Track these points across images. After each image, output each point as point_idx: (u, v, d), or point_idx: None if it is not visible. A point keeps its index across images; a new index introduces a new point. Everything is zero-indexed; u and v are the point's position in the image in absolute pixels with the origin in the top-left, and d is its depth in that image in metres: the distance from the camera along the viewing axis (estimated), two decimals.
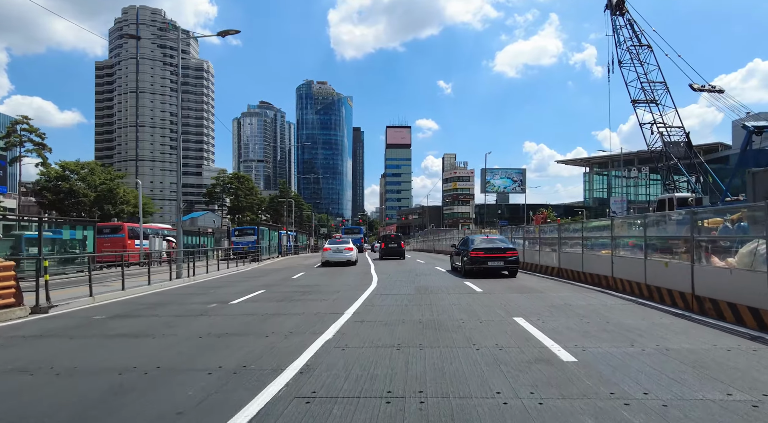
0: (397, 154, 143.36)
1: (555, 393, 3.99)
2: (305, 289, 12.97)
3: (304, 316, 8.40)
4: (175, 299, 11.45)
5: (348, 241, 24.89)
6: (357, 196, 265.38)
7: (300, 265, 25.03)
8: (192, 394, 4.14)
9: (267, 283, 14.68)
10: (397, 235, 32.44)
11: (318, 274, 18.07)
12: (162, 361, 5.32)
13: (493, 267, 15.59)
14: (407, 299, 10.32)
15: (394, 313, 8.46)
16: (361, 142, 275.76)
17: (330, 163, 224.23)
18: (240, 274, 19.59)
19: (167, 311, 9.39)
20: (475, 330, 6.77)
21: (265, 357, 5.42)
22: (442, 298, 10.41)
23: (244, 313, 8.92)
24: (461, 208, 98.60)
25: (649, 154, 28.25)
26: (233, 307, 9.73)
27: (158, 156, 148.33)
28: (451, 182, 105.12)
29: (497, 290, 11.87)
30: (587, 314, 7.99)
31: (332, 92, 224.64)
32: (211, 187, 69.83)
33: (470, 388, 4.15)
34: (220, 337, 6.62)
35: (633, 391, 4.03)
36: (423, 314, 8.28)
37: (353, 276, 17.06)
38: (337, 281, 15.13)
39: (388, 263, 24.76)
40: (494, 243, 16.33)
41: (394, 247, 29.02)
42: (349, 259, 22.75)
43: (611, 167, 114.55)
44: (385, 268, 21.24)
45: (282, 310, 9.09)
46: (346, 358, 5.28)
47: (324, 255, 23.18)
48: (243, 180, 69.09)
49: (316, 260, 29.51)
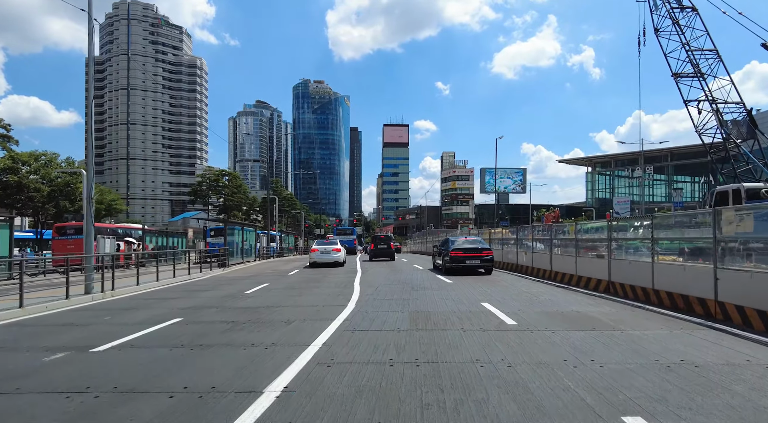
0: (394, 153, 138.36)
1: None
2: (246, 315, 8.58)
3: (180, 397, 4.02)
4: (7, 339, 7.08)
5: (336, 243, 24.48)
6: (354, 197, 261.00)
7: (272, 271, 20.62)
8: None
9: (198, 304, 10.27)
10: (387, 236, 31.85)
11: (284, 287, 13.68)
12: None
13: (471, 265, 16.71)
14: (396, 347, 5.91)
15: (365, 393, 4.08)
16: (359, 143, 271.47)
17: (327, 163, 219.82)
18: (182, 286, 15.16)
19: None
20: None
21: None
22: (459, 344, 6.06)
23: (73, 388, 4.49)
24: (460, 209, 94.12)
25: (700, 140, 23.74)
26: (81, 363, 5.36)
27: (150, 155, 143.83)
28: (450, 181, 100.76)
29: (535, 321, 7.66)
30: None
31: (329, 91, 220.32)
32: (196, 184, 65.27)
33: None
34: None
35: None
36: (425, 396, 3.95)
37: (328, 289, 12.72)
38: (304, 299, 10.78)
39: (378, 269, 20.64)
40: (472, 243, 17.59)
41: (383, 249, 28.33)
42: (337, 260, 22.49)
43: (614, 167, 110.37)
44: (374, 275, 17.05)
45: (160, 375, 4.73)
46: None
47: (311, 256, 22.95)
48: (231, 177, 64.58)
49: (296, 264, 25.22)
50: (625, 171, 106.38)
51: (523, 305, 9.19)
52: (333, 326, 7.22)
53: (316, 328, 7.11)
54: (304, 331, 6.88)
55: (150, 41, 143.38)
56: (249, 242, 27.29)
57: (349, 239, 48.53)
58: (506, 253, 18.93)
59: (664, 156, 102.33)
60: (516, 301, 9.82)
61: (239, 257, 24.99)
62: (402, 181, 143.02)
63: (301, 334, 6.72)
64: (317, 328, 7.04)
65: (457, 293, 11.37)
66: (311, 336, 6.49)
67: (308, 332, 6.79)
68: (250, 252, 27.83)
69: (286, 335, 6.64)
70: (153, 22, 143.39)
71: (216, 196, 64.67)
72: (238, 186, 65.26)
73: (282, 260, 31.58)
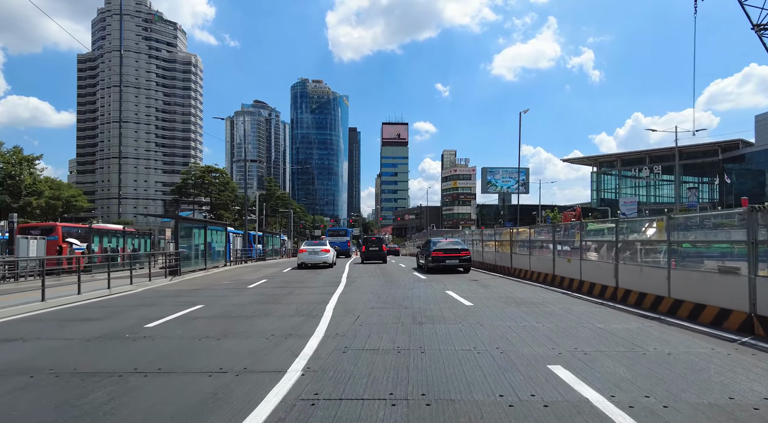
0: (393, 152, 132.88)
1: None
2: (79, 396, 3.94)
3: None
4: None
5: (325, 243, 24.10)
6: (353, 198, 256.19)
7: (230, 283, 15.93)
8: None
9: (21, 359, 5.63)
10: (379, 238, 31.53)
11: (215, 315, 9.00)
12: None
13: (450, 264, 17.75)
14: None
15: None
16: (358, 143, 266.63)
17: (325, 163, 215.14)
18: (85, 306, 10.55)
19: None
20: None
21: None
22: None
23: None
24: (462, 209, 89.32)
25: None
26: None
27: (142, 153, 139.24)
28: (450, 181, 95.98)
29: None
30: None
31: (327, 91, 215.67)
32: (181, 182, 60.50)
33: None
34: None
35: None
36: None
37: (281, 320, 8.04)
38: (225, 347, 6.13)
39: (368, 278, 16.11)
40: (451, 244, 18.81)
41: (375, 251, 27.48)
42: (325, 261, 22.19)
43: (620, 166, 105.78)
44: (360, 289, 12.45)
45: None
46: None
47: (300, 256, 22.84)
48: (218, 174, 59.76)
49: (269, 272, 20.62)
50: (632, 171, 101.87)
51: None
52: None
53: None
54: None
55: (143, 37, 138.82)
56: (217, 244, 22.60)
57: (342, 241, 43.93)
58: (540, 261, 14.31)
59: (672, 155, 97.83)
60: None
61: (201, 262, 20.30)
62: (401, 180, 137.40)
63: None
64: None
65: (503, 339, 6.74)
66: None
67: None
68: (218, 255, 23.15)
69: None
70: (146, 17, 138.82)
71: (203, 195, 59.87)
72: (225, 183, 60.35)
73: (258, 265, 26.78)
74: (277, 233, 50.89)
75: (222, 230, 23.99)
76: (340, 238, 44.26)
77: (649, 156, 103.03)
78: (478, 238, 21.77)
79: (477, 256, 21.46)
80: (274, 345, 6.04)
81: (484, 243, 20.39)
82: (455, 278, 15.18)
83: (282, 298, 10.93)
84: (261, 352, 5.69)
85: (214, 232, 22.27)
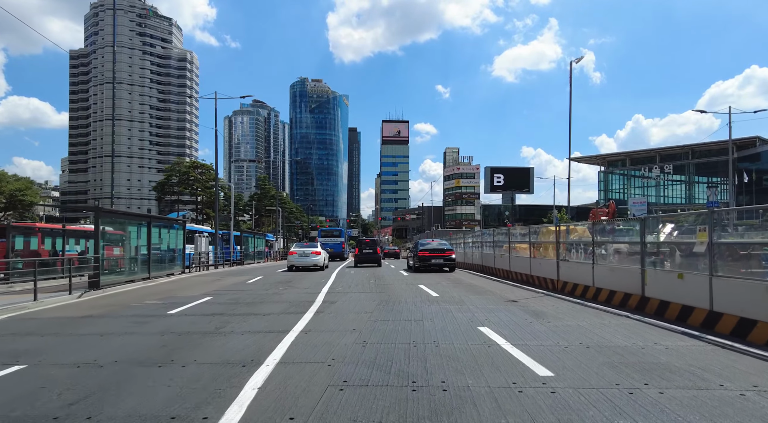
0: (393, 151, 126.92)
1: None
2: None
3: None
4: None
5: (316, 245, 23.16)
6: (353, 199, 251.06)
7: (159, 300, 10.94)
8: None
9: None
10: (373, 240, 30.29)
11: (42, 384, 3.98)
12: None
13: (436, 264, 18.65)
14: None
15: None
16: (358, 143, 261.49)
17: (324, 163, 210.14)
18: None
19: None
20: None
21: None
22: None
23: None
24: (465, 209, 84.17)
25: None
26: None
27: (136, 152, 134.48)
28: (453, 179, 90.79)
29: None
30: None
31: (327, 90, 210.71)
32: (164, 178, 55.45)
33: None
34: None
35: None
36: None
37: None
38: None
39: (358, 294, 11.21)
40: (437, 245, 19.87)
41: (369, 254, 25.95)
42: (317, 264, 21.30)
43: (629, 165, 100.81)
44: (337, 324, 7.35)
45: None
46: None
47: (289, 259, 21.93)
48: (202, 169, 54.59)
49: (235, 281, 15.62)
50: (641, 170, 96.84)
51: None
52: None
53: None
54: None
55: (137, 33, 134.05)
56: (166, 246, 17.50)
57: (336, 242, 38.98)
58: (616, 275, 9.30)
59: (685, 154, 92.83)
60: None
61: (141, 270, 15.27)
62: (402, 180, 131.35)
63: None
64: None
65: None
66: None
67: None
68: (170, 261, 18.04)
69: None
70: (140, 12, 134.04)
71: (189, 193, 54.79)
72: (213, 180, 55.33)
73: (224, 273, 21.25)
74: (263, 233, 45.73)
75: (178, 229, 18.93)
76: (333, 239, 39.26)
77: (659, 155, 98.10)
78: (502, 240, 16.75)
79: (500, 263, 16.51)
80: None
81: (511, 246, 15.38)
82: (488, 301, 9.96)
83: (186, 350, 5.91)
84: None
85: (165, 231, 17.27)
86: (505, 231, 17.14)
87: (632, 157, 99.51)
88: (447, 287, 13.06)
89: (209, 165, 56.31)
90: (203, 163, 56.36)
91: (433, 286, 13.10)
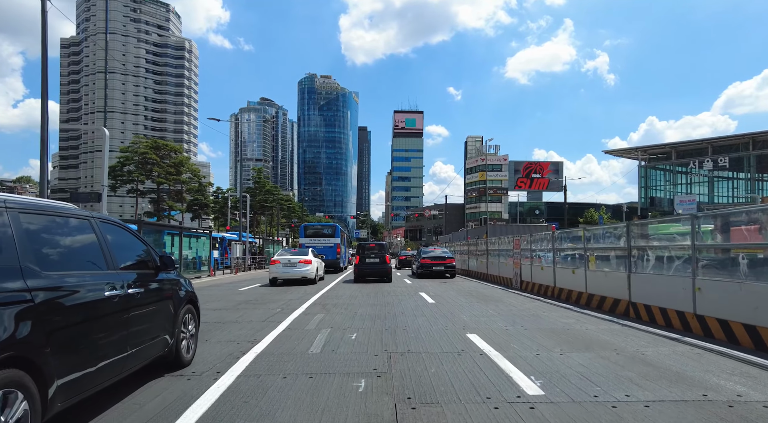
0: (406, 144, 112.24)
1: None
2: None
3: None
4: None
5: (306, 252, 17.27)
6: (362, 200, 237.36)
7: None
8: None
9: None
10: (379, 244, 19.83)
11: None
12: None
13: (437, 270, 18.96)
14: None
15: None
16: (368, 143, 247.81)
17: (333, 163, 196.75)
18: None
19: None
20: None
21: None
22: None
23: None
24: (490, 206, 69.51)
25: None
26: None
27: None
28: (476, 172, 76.25)
29: None
30: None
31: (336, 87, 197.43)
32: (116, 162, 42.39)
33: None
34: None
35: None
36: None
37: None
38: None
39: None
40: (438, 253, 20.28)
41: (374, 264, 17.44)
42: (305, 276, 16.21)
43: (674, 159, 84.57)
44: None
45: None
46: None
47: (271, 269, 16.71)
48: (165, 151, 41.15)
49: None
50: (690, 164, 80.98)
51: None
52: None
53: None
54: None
55: (131, 19, 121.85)
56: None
57: (328, 245, 25.03)
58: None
59: (744, 144, 76.01)
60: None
61: None
62: (415, 176, 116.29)
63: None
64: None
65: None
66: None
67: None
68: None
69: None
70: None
71: (145, 178, 41.27)
72: (177, 164, 41.70)
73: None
74: (192, 228, 31.55)
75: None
76: (323, 240, 25.21)
77: (711, 146, 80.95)
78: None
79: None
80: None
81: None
82: None
83: None
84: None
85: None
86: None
87: (678, 149, 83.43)
88: None
89: (176, 146, 42.55)
90: (167, 143, 42.84)
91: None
